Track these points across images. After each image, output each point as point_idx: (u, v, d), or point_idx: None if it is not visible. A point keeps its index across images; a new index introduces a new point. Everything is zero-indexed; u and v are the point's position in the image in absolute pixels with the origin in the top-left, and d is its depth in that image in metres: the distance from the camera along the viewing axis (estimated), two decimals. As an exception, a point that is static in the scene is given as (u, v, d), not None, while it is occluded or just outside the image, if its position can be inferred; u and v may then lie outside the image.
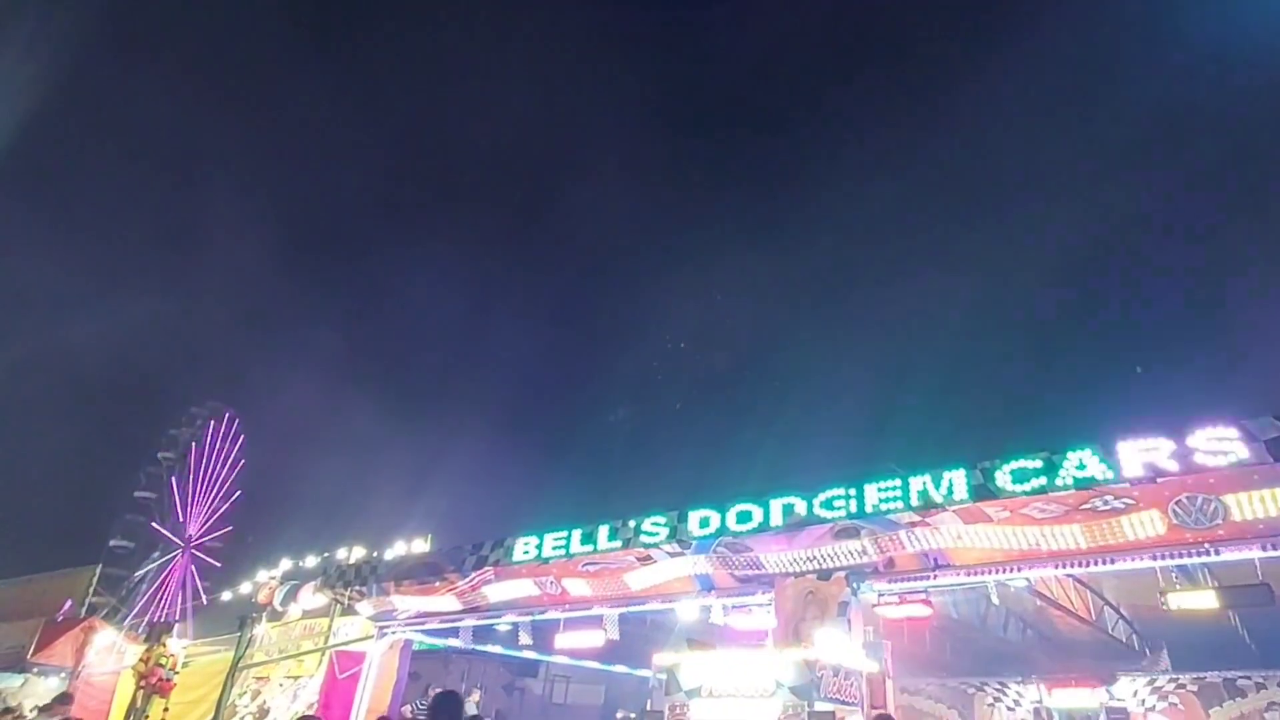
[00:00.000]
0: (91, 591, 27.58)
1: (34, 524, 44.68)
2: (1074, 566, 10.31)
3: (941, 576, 11.03)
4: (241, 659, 19.15)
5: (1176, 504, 8.98)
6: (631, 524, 12.94)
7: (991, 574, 10.80)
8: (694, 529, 12.14)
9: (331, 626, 18.87)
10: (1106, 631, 15.68)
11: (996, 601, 12.99)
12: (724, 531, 11.86)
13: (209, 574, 42.75)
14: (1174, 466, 8.62)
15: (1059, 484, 9.22)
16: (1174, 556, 9.54)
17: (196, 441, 44.98)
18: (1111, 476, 8.92)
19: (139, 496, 44.61)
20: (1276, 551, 8.94)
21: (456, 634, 16.69)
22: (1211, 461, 8.45)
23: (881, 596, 11.45)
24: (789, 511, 11.33)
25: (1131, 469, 8.83)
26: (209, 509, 44.14)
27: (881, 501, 10.54)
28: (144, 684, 17.21)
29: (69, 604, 22.98)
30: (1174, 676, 16.98)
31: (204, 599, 40.58)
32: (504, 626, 15.72)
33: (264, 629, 20.33)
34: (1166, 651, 17.47)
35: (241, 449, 45.98)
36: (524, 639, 15.39)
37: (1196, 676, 16.70)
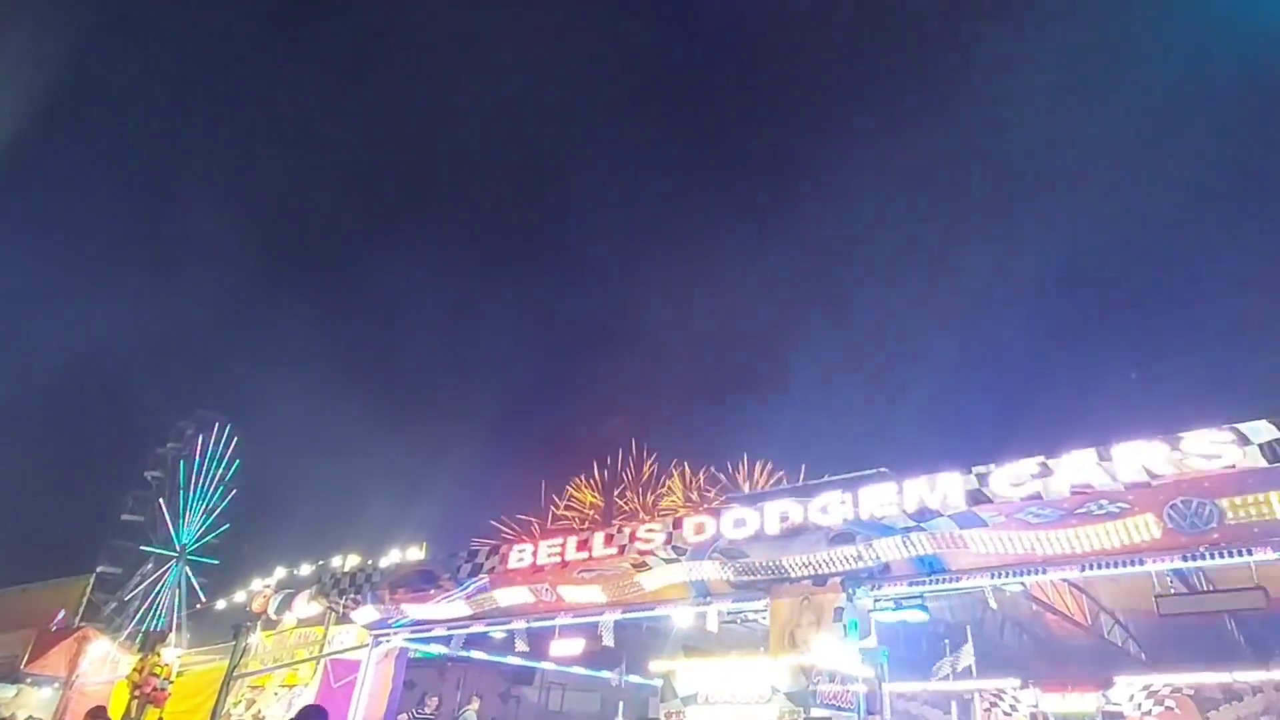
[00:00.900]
0: (85, 601, 27.51)
1: (27, 534, 44.46)
2: (1069, 571, 10.32)
3: (937, 581, 11.02)
4: (236, 668, 19.04)
5: (1171, 508, 8.98)
6: (627, 530, 12.93)
7: (987, 579, 10.79)
8: (689, 535, 12.12)
9: (326, 635, 18.80)
10: (1102, 636, 15.65)
11: (995, 606, 12.94)
12: (719, 537, 11.84)
13: (203, 581, 42.58)
14: (1168, 470, 8.63)
15: (1054, 488, 9.23)
16: (1169, 560, 9.54)
17: (189, 450, 44.81)
18: (1106, 481, 8.93)
19: (136, 494, 44.40)
20: (1271, 555, 8.95)
21: (451, 642, 16.65)
22: (1206, 465, 8.46)
23: (877, 602, 11.44)
24: (784, 517, 11.31)
25: (1126, 473, 8.84)
26: (203, 517, 44.00)
27: (877, 507, 10.54)
28: (138, 694, 17.14)
29: (62, 614, 22.91)
30: (1170, 681, 16.98)
31: (198, 607, 40.41)
32: (499, 634, 15.67)
33: (258, 637, 20.23)
34: (1163, 656, 17.43)
35: (234, 456, 45.87)
36: (520, 646, 15.35)
37: (1193, 681, 16.70)
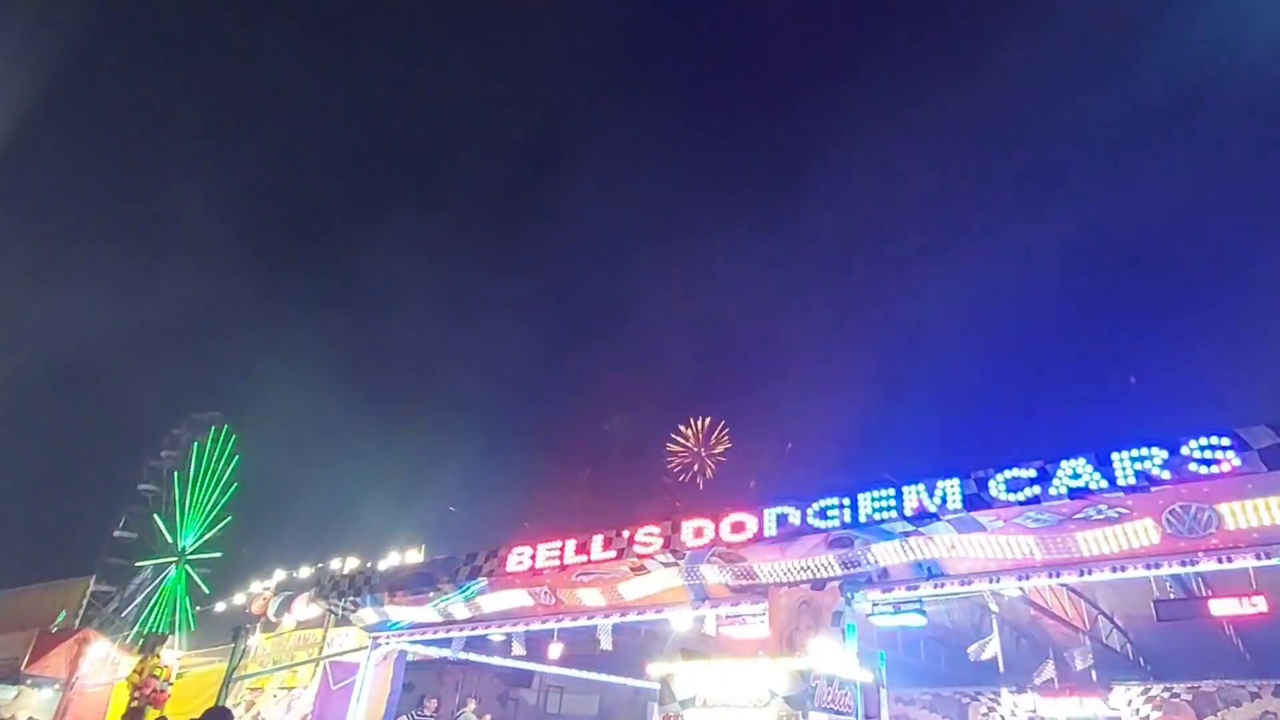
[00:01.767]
0: (85, 603, 27.52)
1: (28, 535, 44.45)
2: (1068, 576, 10.33)
3: (935, 586, 11.03)
4: (235, 670, 19.05)
5: (1170, 513, 9.00)
6: (625, 534, 12.93)
7: (985, 583, 10.80)
8: (688, 539, 12.13)
9: (325, 637, 18.83)
10: (1101, 641, 15.67)
11: (996, 609, 12.98)
12: (718, 541, 11.85)
13: (203, 584, 42.57)
14: (1167, 476, 8.64)
15: (1053, 493, 9.24)
16: (1168, 566, 9.56)
17: (184, 459, 44.77)
18: (1105, 486, 8.94)
19: (130, 509, 44.37)
20: (1270, 560, 8.96)
21: (450, 645, 16.66)
22: (1205, 471, 8.47)
23: (876, 606, 11.46)
24: (783, 521, 11.32)
25: (1125, 478, 8.84)
26: (201, 521, 43.99)
27: (875, 511, 10.55)
28: (138, 695, 17.15)
29: (62, 615, 22.93)
30: (1168, 686, 16.97)
31: (198, 609, 40.42)
32: (498, 637, 15.68)
33: (258, 640, 20.25)
34: (1161, 660, 17.47)
35: (231, 458, 45.84)
36: (517, 649, 15.36)
37: (1191, 686, 16.69)
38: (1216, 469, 8.40)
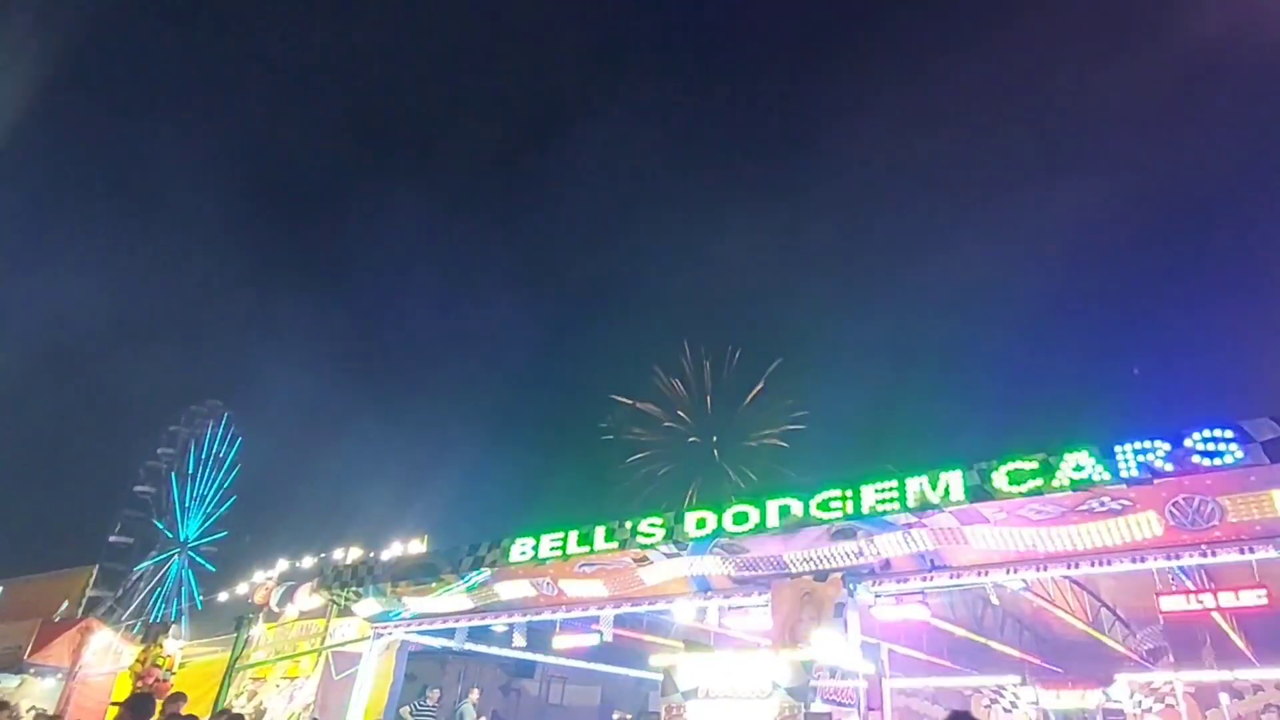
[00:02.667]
0: (88, 592, 27.61)
1: (31, 524, 44.59)
2: (1071, 568, 10.32)
3: (938, 578, 11.03)
4: (238, 660, 19.11)
5: (1173, 505, 8.98)
6: (628, 525, 12.93)
7: (988, 575, 10.80)
8: (691, 530, 12.13)
9: (328, 627, 18.85)
10: (1103, 633, 15.67)
11: (996, 602, 12.97)
12: (720, 532, 11.84)
13: (205, 575, 42.70)
14: (1171, 468, 8.62)
15: (1056, 485, 9.21)
16: (1171, 558, 9.56)
17: (198, 431, 44.86)
18: (1108, 478, 8.91)
19: (138, 491, 44.52)
20: (1272, 553, 8.95)
21: (453, 635, 16.70)
22: (1208, 463, 8.45)
23: (878, 598, 11.46)
24: (785, 512, 11.31)
25: (1128, 470, 8.82)
26: (205, 510, 44.10)
27: (878, 503, 10.52)
28: (140, 684, 17.23)
29: (65, 604, 23.00)
30: (1170, 678, 16.99)
31: (200, 599, 40.58)
32: (500, 628, 15.70)
33: (260, 630, 20.30)
34: (1163, 653, 17.48)
35: (237, 449, 45.93)
36: (518, 640, 15.39)
37: (1193, 678, 16.71)
38: (1219, 461, 8.37)
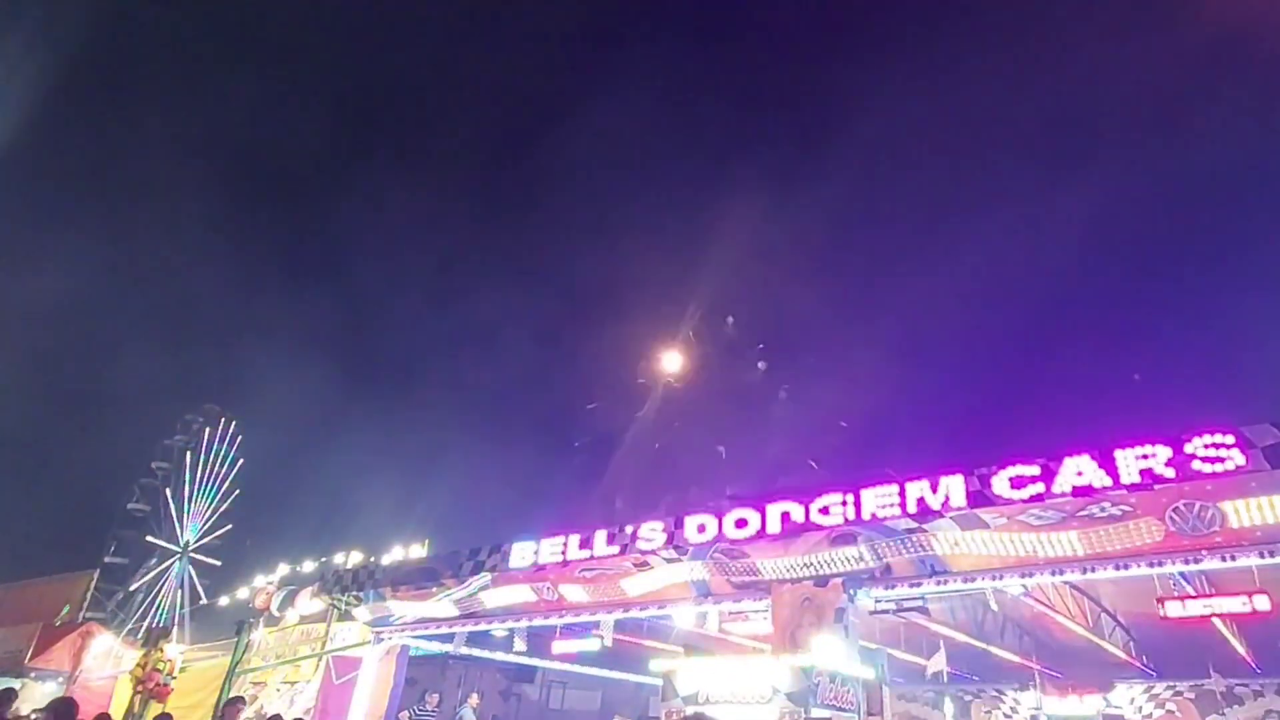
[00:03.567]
0: (89, 596, 27.56)
1: (32, 528, 44.57)
2: (1071, 573, 10.33)
3: (938, 583, 11.03)
4: (238, 664, 19.10)
5: (1174, 511, 8.99)
6: (629, 530, 12.94)
7: (988, 581, 10.80)
8: (691, 535, 12.14)
9: (329, 632, 18.84)
10: (1104, 639, 15.66)
11: (996, 608, 12.96)
12: (721, 538, 11.86)
13: (206, 579, 42.66)
14: (1171, 474, 8.62)
15: (1056, 491, 9.23)
16: (1171, 564, 9.56)
17: (195, 442, 44.87)
18: (1109, 484, 8.93)
19: (140, 490, 44.50)
20: (1273, 559, 8.95)
21: (453, 640, 16.70)
22: (1209, 469, 8.46)
23: (878, 603, 11.46)
24: (786, 518, 11.33)
25: (1129, 476, 8.83)
26: (206, 514, 44.07)
27: (879, 508, 10.55)
28: (141, 689, 17.24)
29: (66, 609, 23.01)
30: (1171, 684, 16.99)
31: (201, 603, 40.55)
32: (501, 632, 15.71)
33: (261, 634, 20.30)
34: (1164, 659, 17.47)
35: (237, 453, 45.91)
36: (518, 645, 15.39)
37: (1194, 684, 16.71)
38: (1220, 467, 8.39)
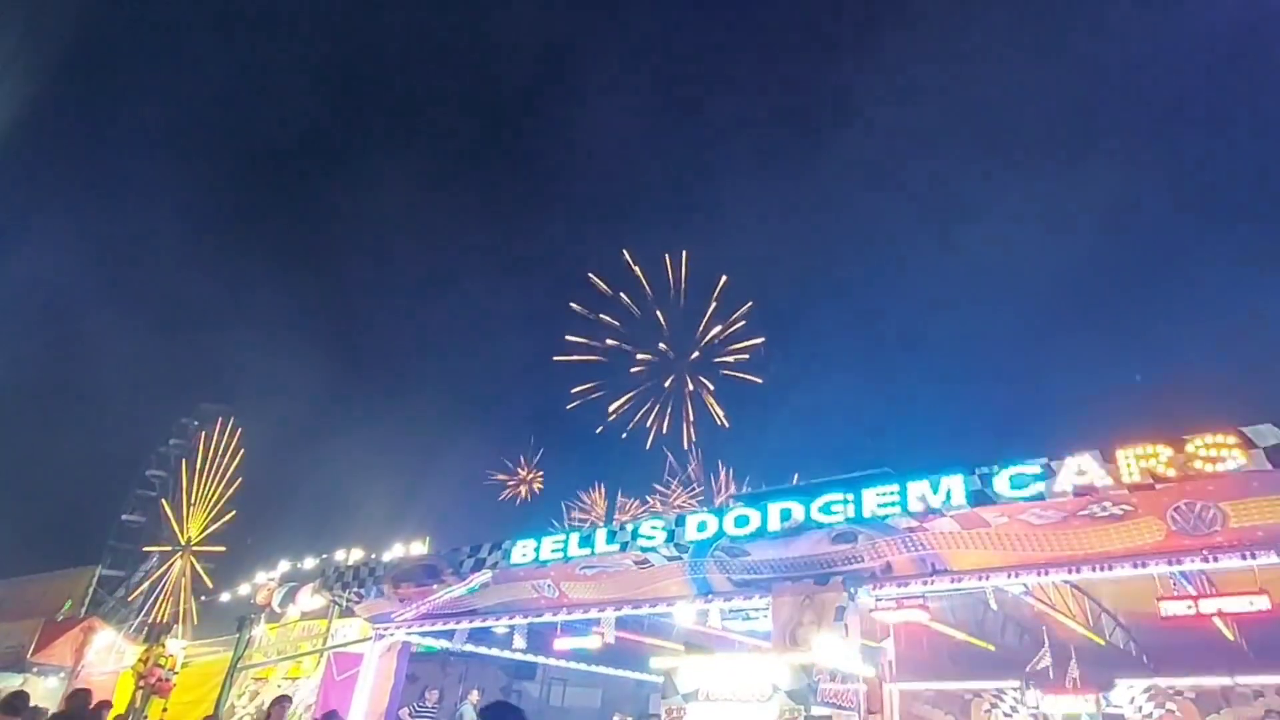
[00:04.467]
0: (91, 592, 27.67)
1: (34, 524, 44.62)
2: (1072, 573, 10.32)
3: (939, 582, 11.02)
4: (240, 660, 19.13)
5: (1175, 511, 8.98)
6: (629, 528, 12.95)
7: (989, 579, 10.79)
8: (691, 533, 12.14)
9: (329, 628, 18.87)
10: (1104, 638, 15.63)
11: (995, 607, 12.95)
12: (721, 536, 11.86)
13: (207, 575, 42.73)
14: (1172, 473, 8.61)
15: (1057, 490, 9.22)
16: (1172, 563, 9.54)
17: (192, 446, 44.94)
18: (1110, 483, 8.92)
19: (138, 494, 44.55)
20: (1274, 559, 8.94)
21: (453, 636, 16.71)
22: (1210, 469, 8.45)
23: (879, 601, 11.46)
24: (786, 516, 11.31)
25: (1130, 475, 8.82)
26: (206, 511, 44.16)
27: (879, 507, 10.53)
28: (143, 684, 17.25)
29: (68, 604, 23.09)
30: (1172, 683, 16.95)
31: (203, 599, 40.62)
32: (501, 630, 15.72)
33: (262, 630, 20.35)
34: (1164, 658, 17.45)
35: (237, 449, 45.98)
36: (519, 642, 15.40)
37: (1194, 684, 16.67)
38: (1221, 467, 8.38)
